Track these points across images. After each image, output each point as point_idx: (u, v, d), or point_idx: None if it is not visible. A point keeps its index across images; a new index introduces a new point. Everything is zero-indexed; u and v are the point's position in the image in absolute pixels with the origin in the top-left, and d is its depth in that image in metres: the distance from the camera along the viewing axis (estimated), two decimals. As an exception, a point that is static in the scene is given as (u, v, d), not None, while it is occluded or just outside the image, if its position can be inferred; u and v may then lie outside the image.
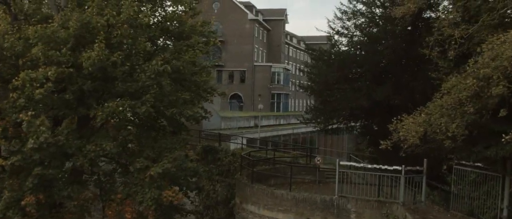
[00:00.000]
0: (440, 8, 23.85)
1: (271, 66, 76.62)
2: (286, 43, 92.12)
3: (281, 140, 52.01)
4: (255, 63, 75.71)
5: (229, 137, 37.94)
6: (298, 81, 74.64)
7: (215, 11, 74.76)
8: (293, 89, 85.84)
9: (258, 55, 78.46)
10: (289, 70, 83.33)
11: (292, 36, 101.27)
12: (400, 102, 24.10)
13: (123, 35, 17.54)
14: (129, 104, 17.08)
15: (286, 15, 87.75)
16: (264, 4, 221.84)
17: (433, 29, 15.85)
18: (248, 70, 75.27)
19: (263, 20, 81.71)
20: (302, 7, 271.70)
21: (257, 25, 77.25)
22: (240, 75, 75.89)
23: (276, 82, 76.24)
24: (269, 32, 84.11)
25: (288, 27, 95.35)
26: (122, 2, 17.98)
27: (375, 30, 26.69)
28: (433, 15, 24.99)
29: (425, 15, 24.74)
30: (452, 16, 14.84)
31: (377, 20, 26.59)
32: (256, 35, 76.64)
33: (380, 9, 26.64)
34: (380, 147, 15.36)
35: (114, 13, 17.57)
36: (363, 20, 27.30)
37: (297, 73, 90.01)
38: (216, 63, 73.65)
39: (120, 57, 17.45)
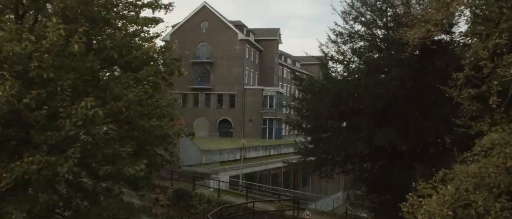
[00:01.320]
0: (456, 30, 19.57)
1: (263, 89, 71.84)
2: (280, 64, 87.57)
3: (270, 174, 47.23)
4: (246, 87, 71.01)
5: (208, 175, 33.56)
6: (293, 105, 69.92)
7: (203, 31, 70.92)
8: (286, 113, 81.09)
9: (249, 77, 73.90)
10: (283, 93, 78.52)
11: (287, 56, 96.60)
12: (407, 147, 19.67)
13: (43, 67, 13.10)
14: (46, 161, 12.61)
15: (280, 34, 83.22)
16: (256, 24, 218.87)
17: (463, 61, 11.15)
18: (238, 94, 70.48)
19: (255, 40, 77.30)
20: (297, 25, 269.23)
21: (248, 45, 72.79)
22: (229, 99, 71.00)
23: (268, 107, 71.35)
24: (261, 53, 79.64)
25: (283, 47, 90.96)
26: (48, 23, 13.67)
27: (376, 56, 22.22)
28: (445, 37, 20.75)
29: (436, 38, 20.31)
30: (495, 42, 10.01)
31: (379, 44, 22.11)
32: (247, 57, 72.12)
33: (383, 31, 22.13)
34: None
35: (33, 38, 13.23)
36: (362, 43, 22.83)
37: (292, 95, 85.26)
38: (203, 87, 69.65)
39: (42, 96, 13.17)
